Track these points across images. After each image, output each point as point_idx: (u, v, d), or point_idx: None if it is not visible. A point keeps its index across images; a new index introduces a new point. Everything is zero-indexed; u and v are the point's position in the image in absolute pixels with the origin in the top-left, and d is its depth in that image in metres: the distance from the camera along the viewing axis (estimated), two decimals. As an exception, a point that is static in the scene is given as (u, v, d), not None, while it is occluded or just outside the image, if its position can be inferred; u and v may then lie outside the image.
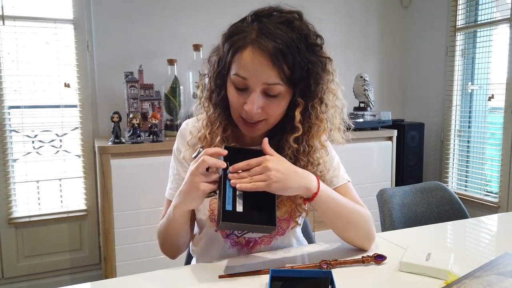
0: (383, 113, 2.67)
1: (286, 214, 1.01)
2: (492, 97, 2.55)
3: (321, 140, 0.95)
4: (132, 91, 2.22)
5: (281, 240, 1.04)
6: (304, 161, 0.93)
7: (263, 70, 0.82)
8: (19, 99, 2.24)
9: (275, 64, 0.82)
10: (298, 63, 0.83)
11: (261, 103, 0.86)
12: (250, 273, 0.86)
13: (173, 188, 1.04)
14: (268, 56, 0.81)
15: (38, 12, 2.22)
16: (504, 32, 2.46)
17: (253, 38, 0.82)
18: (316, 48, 0.87)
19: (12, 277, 2.29)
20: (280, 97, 0.87)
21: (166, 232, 0.97)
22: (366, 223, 0.96)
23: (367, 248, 0.98)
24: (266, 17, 0.85)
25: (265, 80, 0.83)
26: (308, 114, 0.91)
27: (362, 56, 3.05)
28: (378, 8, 3.06)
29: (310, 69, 0.85)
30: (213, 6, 2.51)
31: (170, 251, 1.03)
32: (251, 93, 0.85)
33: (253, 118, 0.88)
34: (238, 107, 0.88)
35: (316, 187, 0.87)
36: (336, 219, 0.94)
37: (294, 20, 0.85)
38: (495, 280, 0.78)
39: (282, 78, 0.84)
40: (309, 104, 0.89)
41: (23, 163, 2.28)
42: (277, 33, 0.82)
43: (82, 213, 2.38)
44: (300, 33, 0.84)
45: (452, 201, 1.52)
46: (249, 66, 0.83)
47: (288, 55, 0.82)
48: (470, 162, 2.77)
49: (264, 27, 0.83)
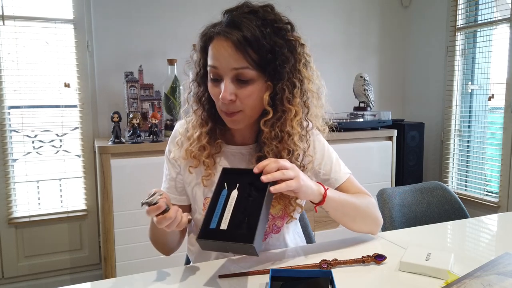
0: (383, 113, 2.67)
1: (280, 212, 1.01)
2: (492, 97, 2.55)
3: (294, 125, 0.91)
4: (132, 91, 2.22)
5: (276, 238, 1.05)
6: (278, 147, 0.92)
7: (229, 56, 0.85)
8: (19, 99, 2.24)
9: (239, 48, 0.84)
10: (263, 46, 0.85)
11: (232, 89, 0.87)
12: (250, 273, 0.86)
13: (165, 188, 1.06)
14: (231, 43, 0.84)
15: (38, 12, 2.22)
16: (504, 32, 2.46)
17: (220, 29, 0.87)
18: (282, 32, 0.89)
19: (12, 277, 2.29)
20: (252, 83, 0.88)
21: (154, 236, 1.03)
22: (372, 212, 1.02)
23: (376, 233, 1.06)
24: (234, 10, 0.89)
25: (232, 65, 0.86)
26: (279, 98, 0.90)
27: (362, 56, 3.05)
28: (378, 8, 3.06)
29: (276, 51, 0.87)
30: (213, 6, 2.51)
31: (162, 250, 1.07)
32: (222, 82, 0.88)
33: (229, 109, 0.89)
34: (216, 99, 0.91)
35: (324, 190, 0.90)
36: (344, 216, 0.98)
37: (260, 9, 0.88)
38: (495, 280, 0.78)
39: (250, 63, 0.86)
40: (277, 86, 0.89)
41: (23, 163, 2.28)
42: (242, 21, 0.85)
43: (82, 213, 2.38)
44: (265, 19, 0.87)
45: (452, 201, 1.52)
46: (216, 55, 0.87)
47: (252, 39, 0.84)
48: (470, 162, 2.77)
49: (231, 19, 0.87)
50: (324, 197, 0.90)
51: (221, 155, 1.01)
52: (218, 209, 0.81)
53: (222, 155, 1.01)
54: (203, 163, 0.98)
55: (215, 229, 0.79)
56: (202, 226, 0.79)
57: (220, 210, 0.81)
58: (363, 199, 1.01)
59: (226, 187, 0.85)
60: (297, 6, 2.71)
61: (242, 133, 1.00)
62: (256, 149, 0.99)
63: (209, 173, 0.98)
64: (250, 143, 1.01)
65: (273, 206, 0.99)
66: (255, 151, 0.99)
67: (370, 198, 1.04)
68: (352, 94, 2.73)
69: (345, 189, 1.03)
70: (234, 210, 0.81)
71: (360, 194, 1.03)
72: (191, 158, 0.98)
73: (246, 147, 1.01)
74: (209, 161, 0.97)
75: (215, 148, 0.99)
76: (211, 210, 0.81)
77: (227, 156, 1.01)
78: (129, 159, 1.98)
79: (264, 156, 0.93)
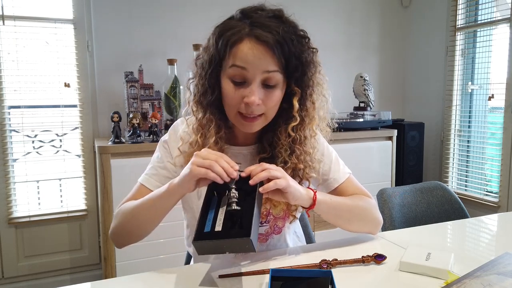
0: (383, 113, 2.67)
1: (281, 212, 1.01)
2: (492, 97, 2.55)
3: (312, 129, 0.97)
4: (132, 91, 2.22)
5: (277, 239, 1.05)
6: (300, 150, 0.95)
7: (263, 58, 0.84)
8: (19, 99, 2.24)
9: (274, 52, 0.84)
10: (293, 53, 0.86)
11: (261, 94, 0.87)
12: (250, 273, 0.86)
13: (149, 174, 1.01)
14: (266, 45, 0.83)
15: (38, 12, 2.22)
16: (504, 32, 2.46)
17: (248, 31, 0.84)
18: (304, 40, 0.90)
19: (12, 277, 2.29)
20: (277, 87, 0.88)
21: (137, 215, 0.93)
22: (370, 213, 1.01)
23: (375, 233, 1.05)
24: (254, 13, 0.87)
25: (265, 67, 0.85)
26: (303, 103, 0.93)
27: (362, 56, 3.05)
28: (378, 8, 3.06)
29: (302, 58, 0.88)
30: (213, 6, 2.52)
31: (127, 236, 0.97)
32: (250, 85, 0.86)
33: (253, 112, 0.88)
34: (236, 103, 0.88)
35: (313, 193, 0.91)
36: (338, 218, 0.98)
37: (282, 15, 0.89)
38: (495, 280, 0.78)
39: (280, 67, 0.86)
40: (305, 92, 0.92)
41: (23, 163, 2.28)
42: (271, 24, 0.84)
43: (82, 213, 2.38)
44: (290, 25, 0.87)
45: (452, 201, 1.52)
46: (247, 56, 0.84)
47: (284, 44, 0.84)
48: (470, 162, 2.77)
49: (256, 21, 0.85)
50: (314, 200, 0.90)
51: None
52: (211, 214, 0.81)
53: None
54: None
55: (210, 232, 0.79)
56: (196, 230, 0.79)
57: (213, 215, 0.81)
58: (359, 200, 1.01)
59: (216, 194, 0.85)
60: (297, 6, 2.71)
61: (245, 134, 0.99)
62: (258, 149, 0.99)
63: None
64: (252, 143, 1.01)
65: (275, 207, 0.98)
66: (257, 151, 0.99)
67: (368, 198, 1.03)
68: (352, 94, 2.73)
69: (344, 189, 1.03)
70: (227, 213, 0.81)
71: (357, 196, 1.03)
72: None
73: (247, 148, 1.01)
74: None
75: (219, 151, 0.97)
76: (203, 216, 0.81)
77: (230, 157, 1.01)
78: (129, 159, 1.98)
79: (270, 157, 0.95)
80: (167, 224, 1.62)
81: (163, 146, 1.04)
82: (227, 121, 0.96)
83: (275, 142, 0.95)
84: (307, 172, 0.97)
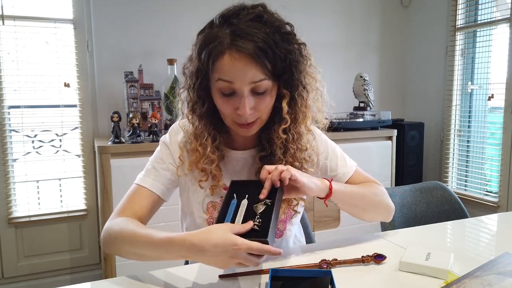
0: (383, 113, 2.67)
1: (282, 215, 1.01)
2: (492, 97, 2.55)
3: (307, 125, 0.96)
4: (132, 91, 2.22)
5: (279, 242, 1.05)
6: (293, 148, 0.95)
7: (247, 70, 0.81)
8: (19, 99, 2.24)
9: (258, 61, 0.81)
10: (278, 56, 0.83)
11: (252, 103, 0.86)
12: (250, 273, 0.86)
13: (149, 175, 0.99)
14: (248, 56, 0.80)
15: (38, 12, 2.22)
16: (504, 32, 2.46)
17: (229, 42, 0.81)
18: (290, 37, 0.87)
19: (12, 277, 2.29)
20: (267, 93, 0.87)
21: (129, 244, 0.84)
22: (382, 199, 1.03)
23: (389, 219, 1.06)
24: (234, 18, 0.83)
25: (250, 79, 0.82)
26: (294, 103, 0.92)
27: (362, 55, 3.05)
28: (378, 7, 3.06)
29: (289, 58, 0.86)
30: (213, 6, 2.51)
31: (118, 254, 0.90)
32: (239, 96, 0.85)
33: (247, 120, 0.88)
34: (230, 113, 0.88)
35: (328, 182, 0.91)
36: (354, 207, 0.99)
37: (264, 14, 0.85)
38: (495, 279, 0.78)
39: (267, 73, 0.83)
40: (295, 93, 0.91)
41: (23, 163, 2.28)
42: (252, 31, 0.81)
43: (82, 213, 2.38)
44: (272, 26, 0.84)
45: (452, 201, 1.52)
46: (231, 70, 0.82)
47: (267, 50, 0.81)
48: (470, 162, 2.77)
49: (236, 28, 0.81)
50: (330, 189, 0.91)
51: (225, 162, 1.00)
52: (228, 218, 0.81)
53: (225, 161, 1.00)
54: (210, 173, 0.96)
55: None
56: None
57: (230, 218, 0.81)
58: (371, 188, 1.02)
59: (236, 197, 0.85)
60: (297, 6, 2.71)
61: (245, 138, 0.99)
62: (258, 151, 1.00)
63: (217, 183, 0.97)
64: (252, 146, 1.01)
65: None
66: (257, 153, 0.99)
67: (379, 186, 1.05)
68: (352, 94, 2.73)
69: (353, 181, 1.05)
70: (245, 216, 0.81)
71: (368, 183, 1.04)
72: (200, 171, 0.97)
73: (248, 151, 1.01)
74: (216, 173, 0.96)
75: (219, 157, 0.97)
76: (221, 219, 0.81)
77: (230, 161, 1.01)
78: (129, 159, 1.98)
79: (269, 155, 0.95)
80: (167, 224, 1.62)
81: (164, 147, 1.03)
82: (224, 126, 0.96)
83: (271, 140, 0.95)
84: (304, 167, 0.97)
